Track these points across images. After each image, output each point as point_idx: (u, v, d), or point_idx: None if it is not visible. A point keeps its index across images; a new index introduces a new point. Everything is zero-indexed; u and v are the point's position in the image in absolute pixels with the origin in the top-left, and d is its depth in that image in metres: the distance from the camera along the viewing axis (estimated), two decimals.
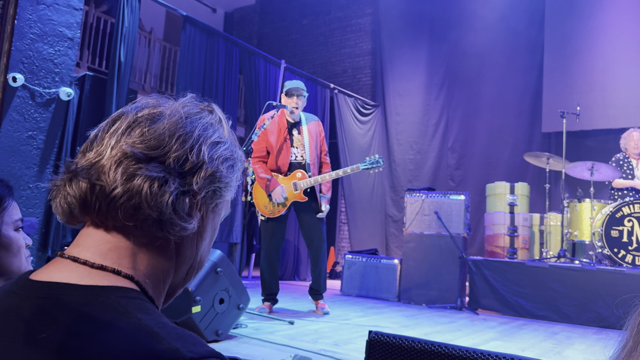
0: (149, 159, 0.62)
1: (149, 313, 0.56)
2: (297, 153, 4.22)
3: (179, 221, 0.63)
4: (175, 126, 0.65)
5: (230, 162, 0.70)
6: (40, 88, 4.16)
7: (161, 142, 0.63)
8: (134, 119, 0.65)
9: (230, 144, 0.71)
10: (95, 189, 0.61)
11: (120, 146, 0.62)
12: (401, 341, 1.29)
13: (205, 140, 0.66)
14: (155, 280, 0.65)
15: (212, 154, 0.66)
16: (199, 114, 0.69)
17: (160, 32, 9.62)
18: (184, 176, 0.63)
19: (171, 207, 0.62)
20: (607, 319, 4.52)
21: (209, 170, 0.65)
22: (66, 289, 0.57)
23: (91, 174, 0.61)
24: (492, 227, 6.06)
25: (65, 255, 0.62)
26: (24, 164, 4.08)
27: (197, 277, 2.80)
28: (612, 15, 6.98)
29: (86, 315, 0.54)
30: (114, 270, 0.60)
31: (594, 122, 6.87)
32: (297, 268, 7.43)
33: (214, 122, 0.70)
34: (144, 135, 0.63)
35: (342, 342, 3.13)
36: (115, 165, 0.61)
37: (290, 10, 10.48)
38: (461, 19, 8.25)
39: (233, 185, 0.71)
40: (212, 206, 0.69)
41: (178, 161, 0.63)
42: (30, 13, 4.08)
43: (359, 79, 9.52)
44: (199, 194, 0.65)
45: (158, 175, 0.61)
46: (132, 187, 0.60)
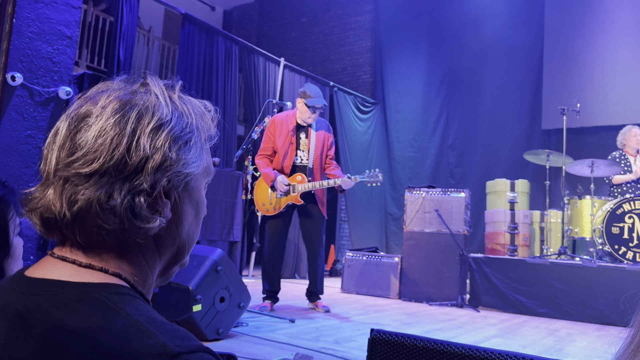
0: (88, 176, 0.59)
1: (139, 309, 0.57)
2: (302, 156, 4.24)
3: (141, 224, 0.61)
4: (104, 129, 0.60)
5: (183, 140, 0.64)
6: (39, 87, 4.15)
7: (95, 154, 0.59)
8: (67, 130, 0.62)
9: (176, 120, 0.64)
10: (49, 220, 0.61)
11: (60, 171, 0.60)
12: (403, 339, 1.29)
13: (142, 131, 0.61)
14: (142, 275, 0.65)
15: (154, 142, 0.61)
16: (130, 101, 0.63)
17: (159, 31, 9.60)
18: (130, 178, 0.60)
19: (128, 213, 0.60)
20: (608, 316, 4.51)
21: (156, 161, 0.61)
22: (59, 286, 0.58)
23: (40, 206, 0.61)
24: (493, 224, 6.05)
25: (55, 254, 0.63)
26: (23, 163, 4.07)
27: (197, 276, 2.79)
28: (611, 12, 6.97)
29: (78, 311, 0.55)
30: (101, 268, 0.61)
31: (594, 119, 6.86)
32: (298, 266, 7.43)
33: (150, 104, 0.63)
34: (78, 149, 0.60)
35: (343, 340, 3.13)
36: (59, 192, 0.60)
37: (290, 8, 10.47)
38: (460, 16, 8.24)
39: (196, 157, 0.66)
40: (181, 188, 0.66)
41: (117, 166, 0.59)
42: (29, 12, 4.07)
43: (358, 77, 9.51)
44: (156, 188, 0.62)
45: (100, 190, 0.59)
46: (79, 210, 0.59)
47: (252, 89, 7.13)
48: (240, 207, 6.22)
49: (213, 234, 5.93)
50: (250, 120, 7.38)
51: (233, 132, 6.89)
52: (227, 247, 6.18)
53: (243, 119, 9.23)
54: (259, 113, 6.73)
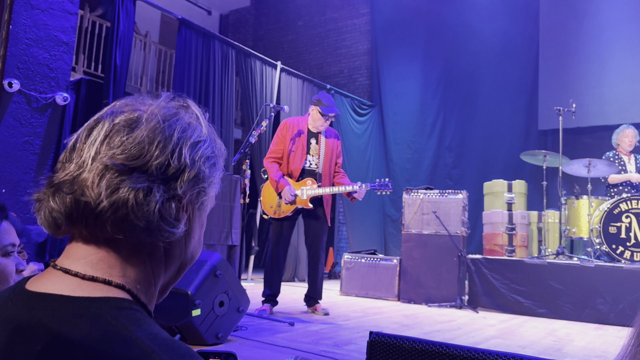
0: (131, 170, 0.61)
1: (140, 324, 0.57)
2: (312, 161, 4.28)
3: (166, 227, 0.63)
4: (153, 132, 0.63)
5: (212, 160, 0.70)
6: (36, 93, 4.15)
7: (142, 151, 0.62)
8: (111, 127, 0.64)
9: (209, 141, 0.70)
10: (80, 205, 0.60)
11: (101, 158, 0.61)
12: (402, 342, 1.29)
13: (185, 142, 0.65)
14: (146, 285, 0.66)
15: (193, 155, 0.66)
16: (176, 115, 0.67)
17: (155, 35, 9.61)
18: (168, 182, 0.63)
19: (158, 214, 0.62)
20: (607, 316, 4.53)
21: (192, 172, 0.65)
22: (60, 301, 0.58)
23: (74, 189, 0.61)
24: (491, 225, 6.07)
25: (57, 266, 0.62)
26: (21, 169, 4.07)
27: (196, 281, 2.79)
28: (606, 12, 7.00)
29: (79, 328, 0.55)
30: (104, 280, 0.61)
31: (590, 118, 6.89)
32: (297, 269, 7.43)
33: (191, 121, 0.69)
34: (123, 144, 0.62)
35: (343, 343, 3.13)
36: (98, 178, 0.60)
37: (286, 11, 10.49)
38: (456, 18, 8.27)
39: (217, 181, 0.72)
40: (198, 205, 0.70)
41: (160, 168, 0.63)
42: (25, 18, 4.07)
43: (355, 79, 9.53)
44: (184, 198, 0.65)
45: (142, 185, 0.61)
46: (118, 200, 0.60)
47: (249, 92, 7.14)
48: (238, 211, 6.22)
49: (211, 238, 5.93)
50: (248, 123, 7.39)
51: (230, 135, 6.90)
52: (225, 251, 6.18)
53: (240, 122, 9.24)
54: (256, 117, 6.74)
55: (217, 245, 6.00)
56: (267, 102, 7.04)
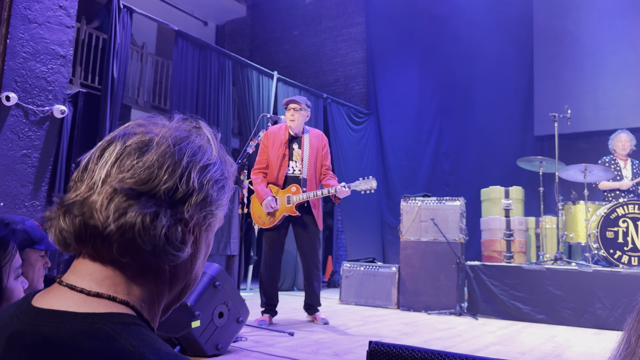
0: (140, 194, 0.62)
1: (143, 339, 0.58)
2: (295, 167, 4.25)
3: (172, 251, 0.64)
4: (163, 156, 0.65)
5: (221, 184, 0.70)
6: (33, 106, 4.17)
7: (151, 175, 0.63)
8: (122, 149, 0.65)
9: (219, 164, 0.71)
10: (88, 227, 0.62)
11: (111, 181, 0.63)
12: (401, 350, 1.30)
13: (194, 166, 0.66)
14: (150, 304, 0.67)
15: (201, 179, 0.67)
16: (187, 139, 0.68)
17: (152, 47, 9.64)
18: (175, 206, 0.64)
19: (164, 238, 0.63)
20: (606, 320, 4.53)
21: (200, 196, 0.66)
22: (65, 317, 0.59)
23: (84, 211, 0.62)
24: (488, 231, 6.08)
25: (63, 282, 0.64)
26: (19, 183, 4.08)
27: (195, 292, 2.80)
28: (600, 17, 7.06)
29: (84, 344, 0.56)
30: (109, 297, 0.62)
31: (586, 124, 6.94)
32: (296, 279, 7.42)
33: (202, 144, 0.70)
34: (133, 168, 0.63)
35: (343, 352, 3.13)
36: (107, 202, 0.62)
37: (281, 21, 10.54)
38: (451, 26, 8.33)
39: (225, 204, 0.72)
40: (205, 227, 0.71)
41: (168, 192, 0.64)
42: (23, 32, 4.10)
43: (351, 88, 9.57)
44: (191, 221, 0.66)
45: (149, 210, 0.62)
46: (125, 224, 0.61)
47: (246, 102, 7.17)
48: (236, 221, 6.22)
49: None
50: (245, 133, 7.41)
51: (228, 145, 6.92)
52: (224, 261, 6.17)
53: (238, 132, 9.26)
54: (254, 126, 6.76)
55: (216, 255, 6.00)
56: (264, 112, 7.07)
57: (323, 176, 4.35)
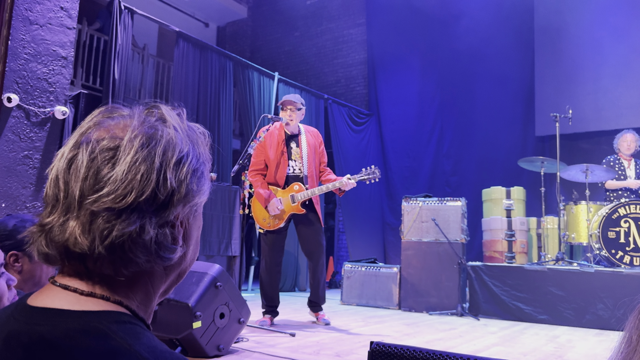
0: (120, 212, 0.60)
1: (139, 337, 0.58)
2: (295, 166, 4.23)
3: (165, 255, 0.63)
4: (134, 164, 0.61)
5: (199, 172, 0.68)
6: (35, 107, 4.17)
7: (126, 189, 0.60)
8: (90, 160, 0.61)
9: (191, 152, 0.67)
10: (74, 252, 0.61)
11: (87, 205, 0.60)
12: (403, 351, 1.30)
13: (167, 165, 0.63)
14: (147, 301, 0.67)
15: (178, 175, 0.64)
16: (154, 135, 0.64)
17: (153, 48, 9.66)
18: (158, 212, 0.62)
19: (155, 246, 0.62)
20: (608, 321, 4.53)
21: (181, 194, 0.64)
22: (61, 316, 0.59)
23: (65, 237, 0.60)
24: (490, 232, 6.07)
25: (56, 282, 0.63)
26: (20, 184, 4.08)
27: (197, 293, 2.80)
28: (602, 17, 7.05)
29: (80, 342, 0.56)
30: (102, 296, 0.62)
31: (587, 124, 6.93)
32: (297, 279, 7.42)
33: (171, 137, 0.65)
34: (107, 184, 0.60)
35: (344, 353, 3.13)
36: (89, 226, 0.60)
37: (282, 22, 10.55)
38: (452, 26, 8.32)
39: (208, 186, 0.70)
40: (192, 215, 0.69)
41: (148, 201, 0.61)
42: (24, 33, 4.10)
43: (352, 89, 9.57)
44: (177, 220, 0.65)
45: (134, 226, 0.60)
46: (113, 244, 0.60)
47: (247, 103, 7.17)
48: (238, 222, 6.22)
49: (211, 249, 5.93)
50: (246, 134, 7.41)
51: (229, 146, 6.92)
52: (225, 262, 6.17)
53: (239, 133, 9.26)
54: (255, 127, 6.76)
55: (217, 256, 6.00)
56: (265, 113, 7.07)
57: (321, 173, 4.35)
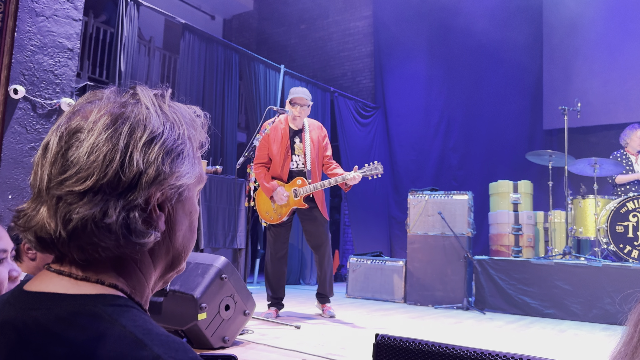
0: (82, 194, 0.58)
1: (134, 320, 0.57)
2: (298, 161, 4.24)
3: (136, 240, 0.61)
4: (97, 145, 0.59)
5: (175, 152, 0.64)
6: (41, 99, 4.18)
7: (88, 171, 0.59)
8: (58, 145, 0.61)
9: (168, 131, 0.64)
10: (44, 240, 0.60)
11: (52, 189, 0.60)
12: (408, 343, 1.29)
13: (135, 145, 0.60)
14: (139, 287, 0.65)
15: (147, 156, 0.61)
16: (122, 115, 0.62)
17: (159, 41, 9.65)
18: (124, 195, 0.60)
19: (123, 230, 0.59)
20: (615, 316, 4.50)
21: (150, 175, 0.61)
22: (55, 299, 0.58)
23: (33, 225, 0.60)
24: (496, 225, 6.04)
25: (51, 268, 0.63)
26: (27, 176, 4.09)
27: (202, 284, 2.80)
28: (610, 10, 6.98)
29: (74, 324, 0.55)
30: (97, 280, 0.61)
31: (596, 118, 6.86)
32: (302, 272, 7.43)
33: (141, 116, 0.62)
34: (70, 166, 0.59)
35: (349, 346, 3.13)
36: (53, 211, 0.59)
37: (289, 15, 10.51)
38: (459, 19, 8.25)
39: (189, 168, 0.66)
40: (175, 199, 0.66)
41: (111, 184, 0.59)
42: (30, 25, 4.10)
43: (358, 82, 9.53)
44: (149, 203, 0.62)
45: (95, 209, 0.58)
46: (75, 229, 0.58)
47: (253, 96, 7.16)
48: (243, 214, 6.22)
49: (217, 241, 5.93)
50: (252, 127, 7.40)
51: (234, 139, 6.91)
52: (231, 254, 6.18)
53: (245, 126, 9.25)
54: (260, 120, 6.76)
55: (223, 248, 6.01)
56: (271, 106, 7.06)
57: (327, 166, 4.33)
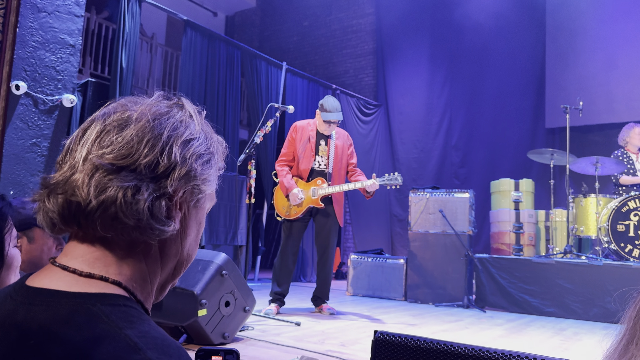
0: (120, 169, 0.62)
1: (132, 321, 0.58)
2: (320, 162, 4.32)
3: (157, 225, 0.63)
4: (143, 130, 0.64)
5: (206, 158, 0.69)
6: (43, 95, 4.18)
7: (130, 150, 0.62)
8: (102, 127, 0.65)
9: (203, 139, 0.69)
10: (72, 205, 0.62)
11: (91, 159, 0.62)
12: (406, 340, 1.29)
13: (175, 140, 0.65)
14: (142, 283, 0.66)
15: (184, 153, 0.66)
16: (167, 113, 0.67)
17: (161, 37, 9.65)
18: (158, 180, 0.63)
19: (148, 212, 0.62)
20: (615, 314, 4.44)
21: (183, 170, 0.65)
22: (56, 297, 0.59)
23: (66, 189, 0.62)
24: (498, 224, 6.04)
25: (56, 263, 0.63)
26: (28, 172, 4.10)
27: (202, 281, 2.80)
28: (613, 8, 6.95)
29: (72, 323, 0.56)
30: (101, 277, 0.62)
31: (598, 116, 6.85)
32: (303, 269, 7.43)
33: (184, 119, 0.68)
34: (112, 144, 0.63)
35: (349, 343, 3.13)
36: (88, 178, 0.61)
37: (291, 12, 10.50)
38: (462, 17, 8.24)
39: (212, 179, 0.71)
40: (193, 203, 0.70)
41: (149, 166, 0.63)
42: (32, 21, 4.10)
43: (360, 79, 9.52)
44: (175, 196, 0.66)
45: (130, 184, 0.61)
46: (106, 199, 0.61)
47: (255, 93, 7.15)
48: (244, 211, 6.23)
49: (218, 238, 5.94)
50: (254, 124, 7.40)
51: (236, 136, 6.91)
52: (232, 251, 6.19)
53: (246, 123, 9.25)
54: (262, 117, 6.76)
55: (224, 245, 6.02)
56: (272, 103, 7.06)
57: (351, 174, 4.44)
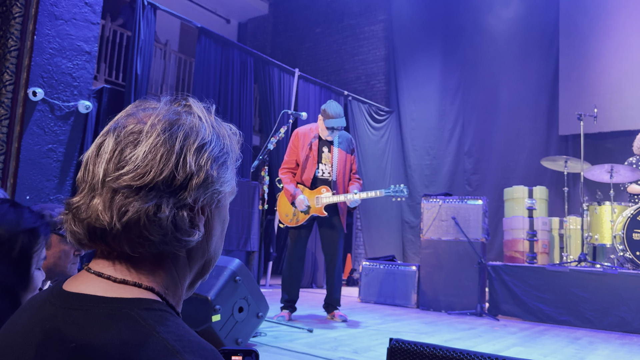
0: (138, 189, 0.62)
1: (168, 325, 0.59)
2: (324, 169, 4.29)
3: (183, 237, 0.65)
4: (155, 146, 0.64)
5: (221, 160, 0.69)
6: (59, 102, 4.24)
7: (145, 168, 0.63)
8: (115, 144, 0.65)
9: (216, 141, 0.69)
10: (97, 229, 0.63)
11: (109, 182, 0.63)
12: (422, 348, 1.28)
13: (188, 149, 0.65)
14: (174, 288, 0.68)
15: (198, 160, 0.66)
16: (177, 121, 0.67)
17: (175, 44, 9.74)
18: (176, 193, 0.64)
19: (172, 227, 0.64)
20: (631, 324, 4.43)
21: (200, 178, 0.65)
22: (94, 301, 0.61)
23: (89, 214, 0.63)
24: (511, 231, 5.99)
25: (90, 270, 0.66)
26: (44, 177, 4.15)
27: (216, 286, 2.81)
28: (627, 15, 6.90)
29: (110, 328, 0.57)
30: (134, 283, 0.64)
31: (612, 123, 6.78)
32: (315, 276, 7.42)
33: (194, 124, 0.68)
34: (128, 164, 0.63)
35: (362, 350, 3.12)
36: (109, 203, 0.63)
37: (303, 19, 10.55)
38: (474, 23, 8.23)
39: (230, 177, 0.72)
40: (215, 204, 0.71)
41: (166, 182, 0.63)
42: (49, 28, 4.17)
43: (372, 85, 9.53)
44: (196, 204, 0.67)
45: (150, 203, 0.62)
46: (129, 221, 0.62)
47: (268, 99, 7.19)
48: (257, 217, 6.25)
49: (230, 243, 5.96)
50: (266, 130, 7.43)
51: (249, 142, 6.95)
52: (244, 256, 6.21)
53: (259, 129, 9.29)
54: (275, 124, 6.78)
55: (236, 251, 6.04)
56: (285, 109, 7.08)
57: (351, 181, 4.39)
